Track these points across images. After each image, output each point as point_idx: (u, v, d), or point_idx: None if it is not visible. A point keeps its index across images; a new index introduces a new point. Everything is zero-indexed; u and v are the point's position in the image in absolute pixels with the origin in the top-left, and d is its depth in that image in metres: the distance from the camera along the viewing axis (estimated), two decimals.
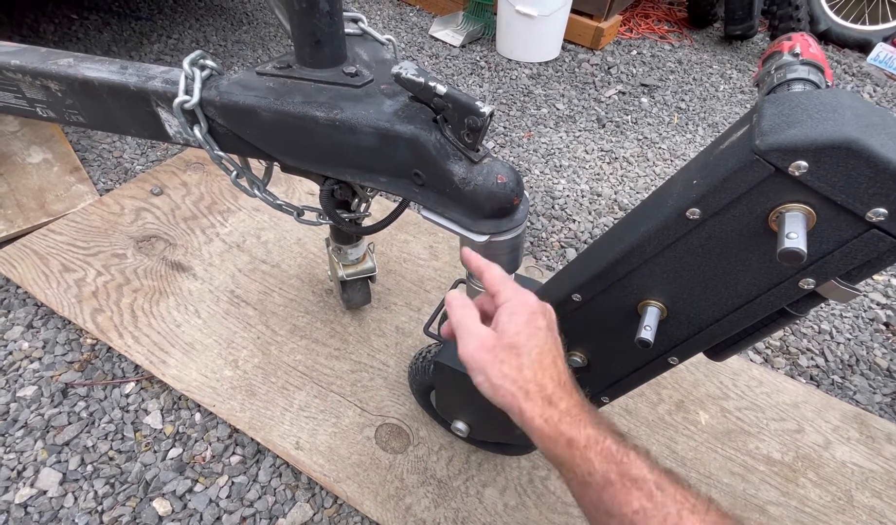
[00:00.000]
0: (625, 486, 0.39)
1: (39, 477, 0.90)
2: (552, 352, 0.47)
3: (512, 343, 0.46)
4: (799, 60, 0.58)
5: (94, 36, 2.12)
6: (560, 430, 0.42)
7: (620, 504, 0.38)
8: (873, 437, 1.02)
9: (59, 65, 0.66)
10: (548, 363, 0.46)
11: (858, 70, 2.47)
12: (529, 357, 0.46)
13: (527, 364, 0.45)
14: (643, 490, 0.38)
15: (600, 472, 0.40)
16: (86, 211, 1.33)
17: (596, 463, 0.40)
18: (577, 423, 0.42)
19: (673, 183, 0.53)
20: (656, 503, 0.37)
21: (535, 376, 0.45)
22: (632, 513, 0.38)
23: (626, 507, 0.38)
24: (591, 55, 2.39)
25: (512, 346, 0.46)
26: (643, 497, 0.38)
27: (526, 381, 0.45)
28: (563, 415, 0.43)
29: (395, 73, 0.55)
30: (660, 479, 0.39)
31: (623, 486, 0.39)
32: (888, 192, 0.38)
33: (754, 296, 0.49)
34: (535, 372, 0.45)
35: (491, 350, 0.47)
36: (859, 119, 0.39)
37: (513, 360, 0.46)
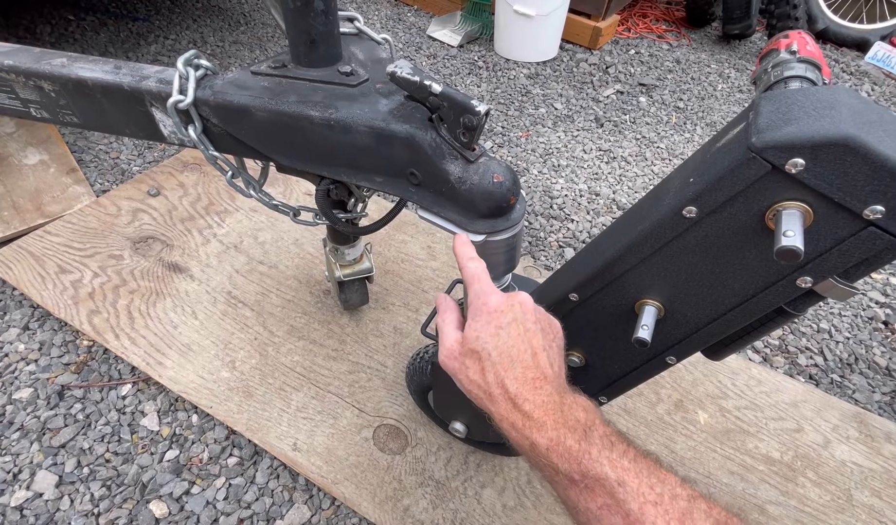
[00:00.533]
0: (587, 485, 0.39)
1: (35, 479, 0.90)
2: (516, 348, 0.46)
3: (472, 349, 0.48)
4: (796, 58, 0.58)
5: (91, 37, 2.12)
6: (524, 434, 0.43)
7: (586, 501, 0.39)
8: (872, 435, 1.02)
9: (53, 65, 0.65)
10: (508, 364, 0.46)
11: (856, 69, 2.47)
12: (489, 360, 0.46)
13: (488, 368, 0.46)
14: (605, 488, 0.38)
15: (563, 473, 0.40)
16: (82, 212, 1.32)
17: (559, 465, 0.41)
18: (539, 427, 0.43)
19: (669, 181, 0.52)
20: (617, 500, 0.38)
21: (496, 379, 0.46)
22: (596, 509, 0.39)
23: (591, 503, 0.39)
24: (589, 55, 2.39)
25: (472, 352, 0.48)
26: (605, 494, 0.38)
27: (489, 385, 0.46)
28: (526, 418, 0.43)
29: (390, 72, 0.55)
30: (622, 475, 0.38)
31: (585, 485, 0.39)
32: (885, 190, 0.37)
33: (752, 294, 0.48)
34: (496, 375, 0.46)
35: (457, 357, 0.49)
36: (857, 116, 0.39)
37: (475, 365, 0.47)
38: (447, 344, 0.51)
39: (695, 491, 0.38)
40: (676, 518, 0.35)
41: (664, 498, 0.37)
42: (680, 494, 0.37)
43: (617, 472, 0.38)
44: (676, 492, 0.37)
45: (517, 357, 0.46)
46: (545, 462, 0.42)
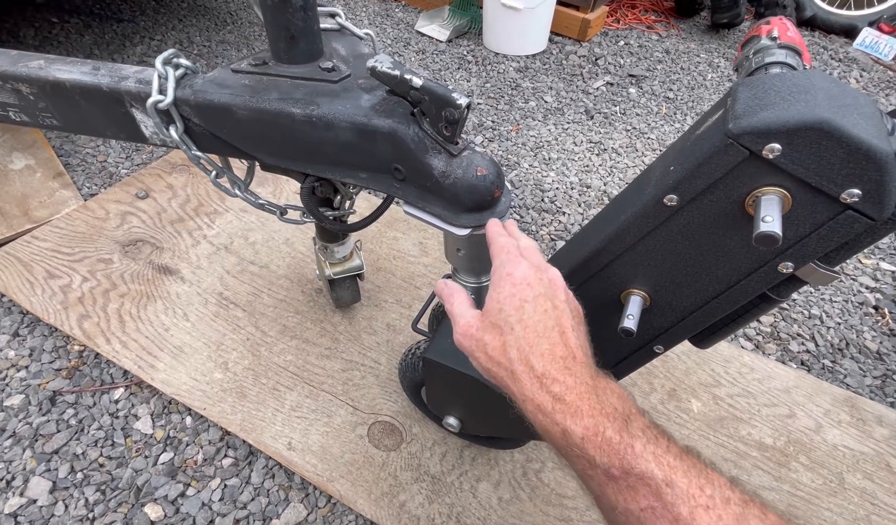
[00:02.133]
0: (629, 484, 0.35)
1: (29, 486, 0.90)
2: (543, 323, 0.42)
3: (493, 322, 0.43)
4: (776, 44, 0.58)
5: (76, 39, 2.10)
6: (554, 419, 0.38)
7: (626, 501, 0.35)
8: (864, 419, 1.03)
9: (30, 67, 0.65)
10: (534, 338, 0.41)
11: (845, 55, 2.48)
12: (513, 334, 0.42)
13: (510, 342, 0.42)
14: (650, 487, 0.34)
15: (601, 468, 0.36)
16: (70, 216, 1.31)
17: (596, 458, 0.36)
18: (573, 413, 0.38)
19: (651, 170, 0.52)
20: (665, 502, 0.33)
21: (520, 356, 0.41)
22: (638, 510, 0.34)
23: (632, 503, 0.35)
24: (579, 47, 2.39)
25: (493, 326, 0.43)
26: (650, 495, 0.34)
27: (511, 361, 0.41)
28: (556, 401, 0.38)
29: (370, 67, 0.55)
30: (670, 474, 0.34)
31: (627, 484, 0.35)
32: (861, 173, 0.37)
33: (735, 281, 0.49)
34: (519, 350, 0.41)
35: (475, 334, 0.45)
36: (832, 100, 0.39)
37: (496, 340, 0.43)
38: (462, 322, 0.46)
39: (745, 494, 0.35)
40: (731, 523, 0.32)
41: (716, 501, 0.33)
42: (731, 498, 0.33)
43: (664, 470, 0.34)
44: (727, 495, 0.34)
45: (543, 333, 0.41)
46: (578, 452, 0.37)
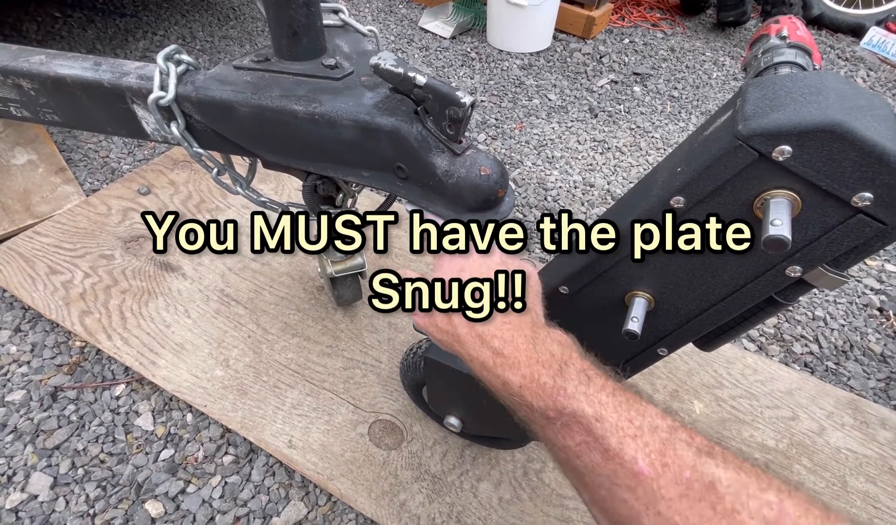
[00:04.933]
0: (563, 422, 0.38)
1: (30, 481, 0.90)
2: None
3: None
4: (786, 43, 0.57)
5: (79, 34, 2.09)
6: (495, 373, 0.42)
7: (563, 438, 0.38)
8: (867, 422, 1.02)
9: (31, 62, 0.64)
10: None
11: (852, 55, 2.46)
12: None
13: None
14: (581, 424, 0.36)
15: (538, 411, 0.39)
16: (72, 212, 1.31)
17: (533, 403, 0.39)
18: (511, 364, 0.41)
19: (658, 171, 0.52)
20: (595, 436, 0.36)
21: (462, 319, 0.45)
22: (574, 445, 0.37)
23: (568, 440, 0.37)
24: (583, 44, 2.37)
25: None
26: (582, 431, 0.36)
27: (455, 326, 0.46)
28: (496, 355, 0.42)
29: (373, 64, 0.54)
30: (599, 410, 0.36)
31: (562, 422, 0.38)
32: (874, 176, 0.37)
33: (741, 285, 0.48)
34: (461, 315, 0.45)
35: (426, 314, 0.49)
36: (844, 101, 0.38)
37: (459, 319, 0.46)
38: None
39: (675, 421, 0.36)
40: (657, 450, 0.33)
41: (644, 430, 0.35)
42: (660, 426, 0.35)
43: (594, 407, 0.37)
44: (656, 423, 0.35)
45: None
46: (518, 400, 0.40)
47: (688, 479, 0.31)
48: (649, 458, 0.33)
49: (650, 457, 0.33)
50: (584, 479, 0.36)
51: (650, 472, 0.32)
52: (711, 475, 0.31)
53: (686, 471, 0.31)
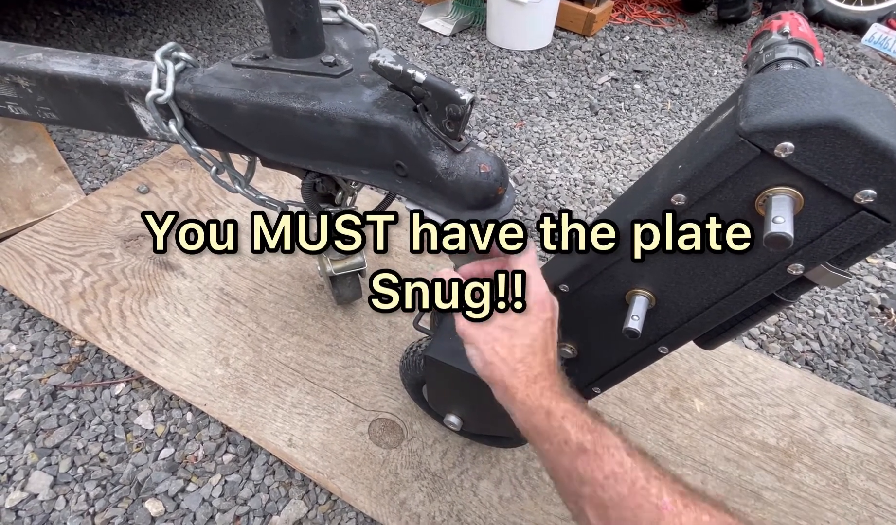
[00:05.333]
0: (597, 453, 0.41)
1: (30, 480, 0.90)
2: (546, 342, 0.49)
3: (507, 325, 0.49)
4: (788, 40, 0.57)
5: (78, 32, 2.09)
6: (540, 402, 0.45)
7: (593, 470, 0.40)
8: (868, 420, 1.02)
9: (28, 60, 0.64)
10: (538, 349, 0.48)
11: (853, 52, 2.45)
12: (522, 341, 0.48)
13: (518, 346, 0.48)
14: (614, 457, 0.40)
15: (575, 441, 0.42)
16: (71, 211, 1.31)
17: (572, 433, 0.43)
18: (557, 398, 0.46)
19: (659, 168, 0.51)
20: (626, 468, 0.39)
21: (524, 358, 0.48)
22: (603, 477, 0.40)
23: (598, 472, 0.40)
24: (583, 42, 2.36)
25: (507, 328, 0.49)
26: (614, 463, 0.40)
27: (515, 360, 0.48)
28: (545, 389, 0.46)
29: (372, 61, 0.54)
30: (631, 450, 0.41)
31: (596, 454, 0.41)
32: (877, 173, 0.36)
33: (742, 283, 0.48)
34: (525, 354, 0.48)
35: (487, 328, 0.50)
36: (847, 98, 0.37)
37: (506, 339, 0.49)
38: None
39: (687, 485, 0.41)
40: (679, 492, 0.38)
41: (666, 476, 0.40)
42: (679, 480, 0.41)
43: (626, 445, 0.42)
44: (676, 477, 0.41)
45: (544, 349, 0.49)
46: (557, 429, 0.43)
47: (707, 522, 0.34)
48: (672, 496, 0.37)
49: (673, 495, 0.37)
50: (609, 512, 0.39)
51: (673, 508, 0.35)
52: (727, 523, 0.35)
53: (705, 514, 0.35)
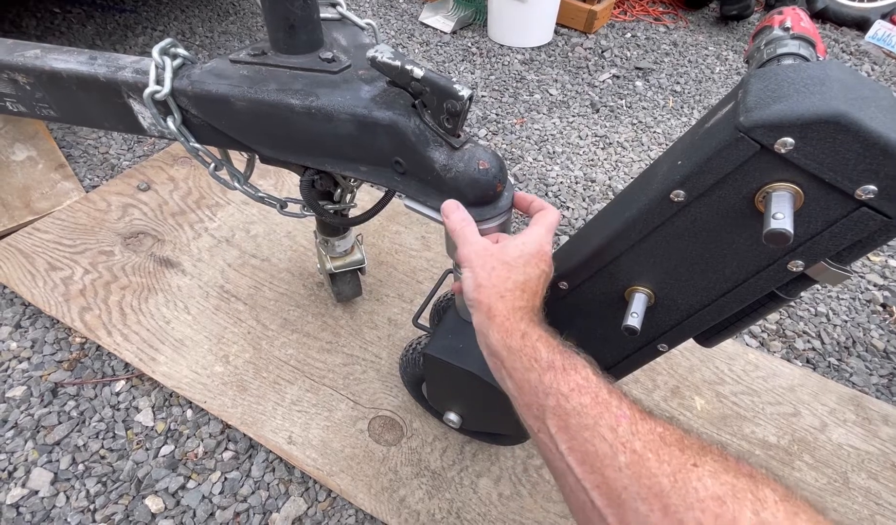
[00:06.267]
0: (565, 369, 0.43)
1: (31, 477, 0.90)
2: (536, 287, 0.51)
3: (508, 261, 0.51)
4: (789, 35, 0.56)
5: (78, 29, 2.09)
6: (518, 325, 0.48)
7: (559, 382, 0.42)
8: (869, 418, 1.02)
9: (26, 56, 0.64)
10: (528, 289, 0.50)
11: (856, 48, 2.43)
12: (517, 278, 0.50)
13: (513, 279, 0.50)
14: (581, 373, 0.42)
15: (546, 359, 0.44)
16: (72, 208, 1.31)
17: (543, 352, 0.45)
18: (534, 324, 0.48)
19: (658, 165, 0.51)
20: (590, 383, 0.41)
21: (514, 290, 0.50)
22: (568, 390, 0.41)
23: (563, 385, 0.41)
24: (585, 39, 2.35)
25: (507, 263, 0.51)
26: (579, 377, 0.42)
27: (505, 289, 0.50)
28: (524, 314, 0.49)
29: (370, 57, 0.53)
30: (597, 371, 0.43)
31: (563, 368, 0.43)
32: (878, 169, 0.36)
33: (742, 280, 0.47)
34: (515, 287, 0.50)
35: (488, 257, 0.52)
36: (848, 92, 0.37)
37: (503, 271, 0.51)
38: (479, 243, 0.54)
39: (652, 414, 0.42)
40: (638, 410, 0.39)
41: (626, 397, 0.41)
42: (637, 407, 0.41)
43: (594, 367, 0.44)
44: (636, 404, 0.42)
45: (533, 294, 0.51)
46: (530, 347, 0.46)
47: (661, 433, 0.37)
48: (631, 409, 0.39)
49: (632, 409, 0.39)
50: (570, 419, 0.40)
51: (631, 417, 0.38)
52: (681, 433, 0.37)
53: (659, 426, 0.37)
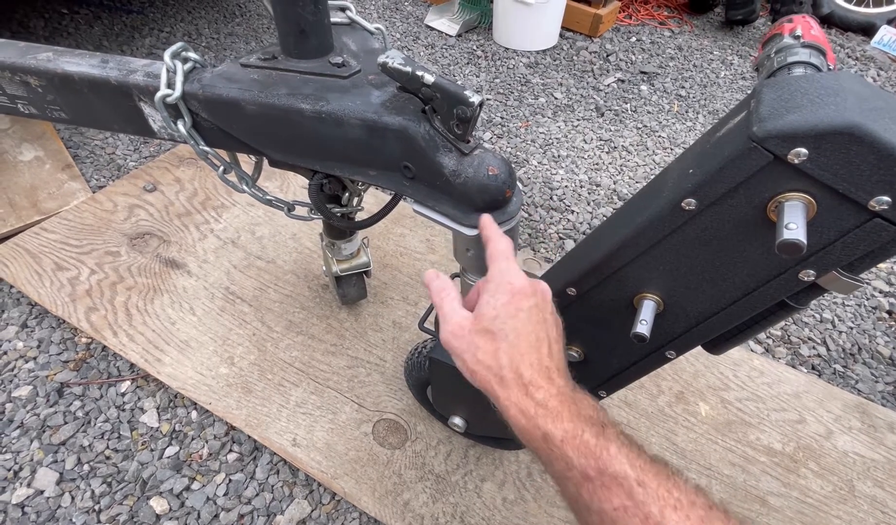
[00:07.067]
0: (604, 483, 0.37)
1: (36, 477, 0.90)
2: (535, 334, 0.44)
3: (487, 328, 0.45)
4: (800, 43, 0.56)
5: (85, 30, 2.10)
6: (536, 423, 0.41)
7: (600, 500, 0.37)
8: (875, 426, 1.01)
9: (39, 59, 0.64)
10: (526, 348, 0.44)
11: (862, 54, 2.43)
12: (507, 341, 0.44)
13: (503, 349, 0.44)
14: (623, 487, 0.36)
15: (578, 469, 0.38)
16: (78, 208, 1.31)
17: (574, 459, 0.38)
18: (554, 417, 0.40)
19: (668, 172, 0.51)
20: (636, 501, 0.35)
21: (510, 362, 0.43)
22: (612, 510, 0.36)
23: (605, 503, 0.36)
24: (590, 43, 2.36)
25: (487, 331, 0.45)
26: (623, 494, 0.36)
27: (501, 367, 0.43)
28: (539, 407, 0.41)
29: (381, 63, 0.53)
30: (641, 476, 0.36)
31: (602, 483, 0.37)
32: (892, 180, 0.36)
33: (753, 288, 0.47)
34: (511, 357, 0.43)
35: (466, 336, 0.46)
36: (862, 103, 0.37)
37: (488, 345, 0.44)
38: (453, 321, 0.47)
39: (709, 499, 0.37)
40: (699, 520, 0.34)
41: (683, 503, 0.35)
42: (697, 502, 0.36)
43: (636, 471, 0.37)
44: (693, 499, 0.36)
45: (534, 344, 0.44)
46: (558, 454, 0.39)
47: None
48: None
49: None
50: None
51: None
52: None
53: None
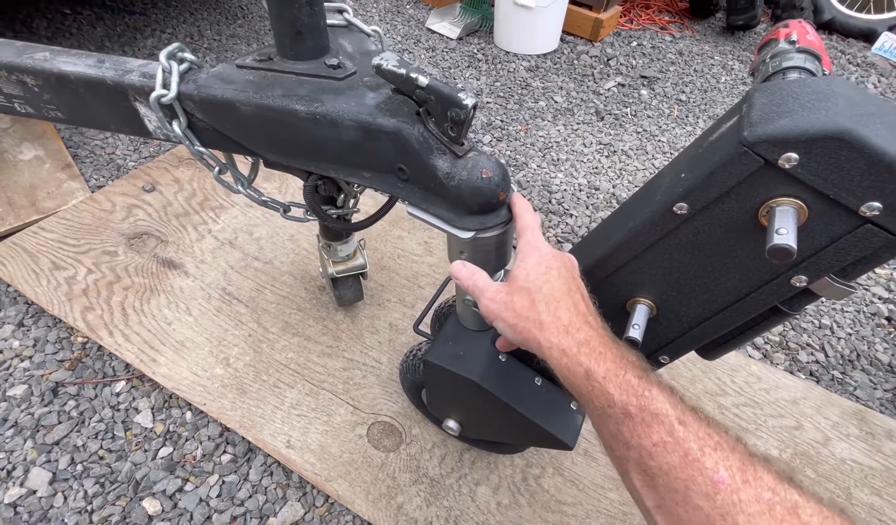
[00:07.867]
0: (644, 419, 0.37)
1: (29, 476, 0.90)
2: (567, 286, 0.47)
3: (521, 286, 0.49)
4: (795, 48, 0.56)
5: (88, 31, 2.11)
6: (578, 360, 0.42)
7: (640, 436, 0.37)
8: (873, 433, 1.01)
9: (35, 59, 0.64)
10: (561, 295, 0.46)
11: (863, 60, 2.43)
12: (541, 292, 0.47)
13: (539, 298, 0.46)
14: (664, 424, 0.36)
15: (619, 405, 0.38)
16: (77, 208, 1.32)
17: (615, 395, 0.39)
18: (597, 356, 0.42)
19: (662, 176, 0.51)
20: (677, 438, 0.35)
21: (548, 308, 0.46)
22: (651, 445, 0.36)
23: (645, 439, 0.36)
24: (591, 47, 2.36)
25: (522, 288, 0.48)
26: (663, 431, 0.36)
27: (539, 313, 0.46)
28: (581, 345, 0.42)
29: (375, 65, 0.53)
30: (683, 415, 0.37)
31: (643, 419, 0.37)
32: (883, 186, 0.36)
33: (745, 293, 0.47)
34: (547, 304, 0.46)
35: (503, 298, 0.50)
36: (853, 108, 0.37)
37: (525, 299, 0.48)
38: (490, 289, 0.52)
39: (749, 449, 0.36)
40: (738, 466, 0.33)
41: (723, 445, 0.35)
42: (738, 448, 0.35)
43: (678, 411, 0.37)
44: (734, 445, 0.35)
45: (567, 293, 0.47)
46: (599, 390, 0.40)
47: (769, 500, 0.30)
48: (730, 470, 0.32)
49: (731, 470, 0.32)
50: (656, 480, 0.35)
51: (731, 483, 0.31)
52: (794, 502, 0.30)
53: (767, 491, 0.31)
